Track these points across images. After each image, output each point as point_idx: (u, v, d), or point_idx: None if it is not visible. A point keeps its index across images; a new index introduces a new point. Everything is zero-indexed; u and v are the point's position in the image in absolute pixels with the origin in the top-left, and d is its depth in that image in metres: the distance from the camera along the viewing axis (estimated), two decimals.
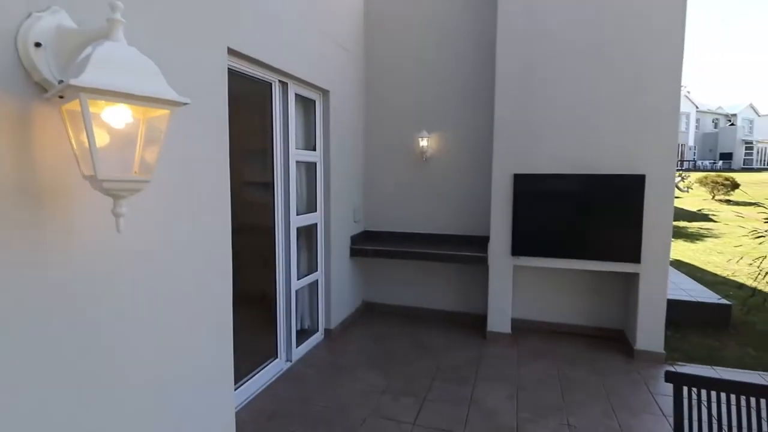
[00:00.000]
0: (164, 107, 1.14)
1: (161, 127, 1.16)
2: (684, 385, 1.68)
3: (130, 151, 1.13)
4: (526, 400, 3.25)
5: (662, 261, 3.87)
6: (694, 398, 1.68)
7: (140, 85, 1.08)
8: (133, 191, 1.17)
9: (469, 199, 4.79)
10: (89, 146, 1.05)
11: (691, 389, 1.67)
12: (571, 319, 4.53)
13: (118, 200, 1.16)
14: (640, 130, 3.85)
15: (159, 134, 1.16)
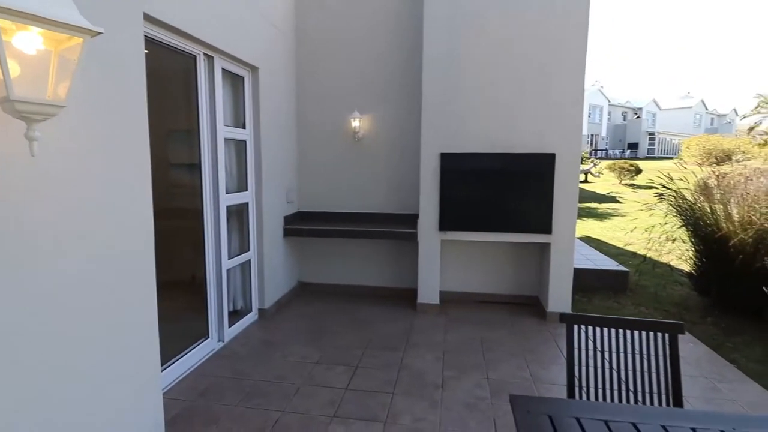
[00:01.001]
0: (77, 35, 1.12)
1: (74, 58, 1.15)
2: (574, 323, 1.95)
3: (43, 78, 1.11)
4: (451, 361, 3.51)
5: (569, 232, 4.32)
6: (584, 334, 1.96)
7: (51, 10, 1.07)
8: (47, 115, 1.15)
9: (401, 178, 4.97)
10: (1, 65, 1.03)
11: (580, 326, 1.95)
12: (494, 288, 4.90)
13: (31, 124, 1.15)
14: (551, 114, 4.22)
15: (72, 65, 1.15)
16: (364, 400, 2.94)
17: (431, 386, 3.12)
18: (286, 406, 2.85)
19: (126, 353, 2.08)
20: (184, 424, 2.65)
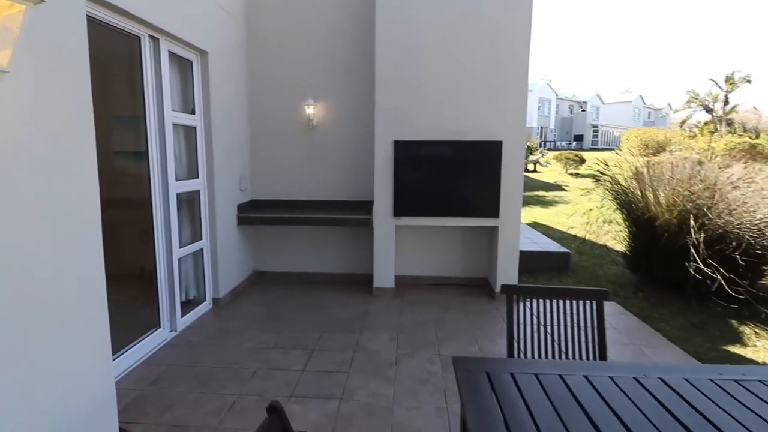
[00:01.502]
0: (19, 1, 1.10)
1: (15, 27, 1.12)
2: (513, 293, 2.12)
3: None
4: (405, 341, 3.65)
5: (515, 215, 4.56)
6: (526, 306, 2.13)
7: None
8: None
9: (356, 165, 5.04)
10: None
11: (518, 296, 2.12)
12: (446, 271, 5.10)
13: None
14: (497, 105, 4.42)
15: (13, 34, 1.12)
16: (321, 380, 3.01)
17: (386, 364, 3.24)
18: (243, 390, 2.87)
19: (74, 339, 2.03)
20: (136, 412, 2.62)
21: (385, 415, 2.61)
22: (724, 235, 4.36)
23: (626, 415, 1.34)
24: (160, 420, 2.54)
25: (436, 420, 2.57)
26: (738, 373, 1.61)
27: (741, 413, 1.36)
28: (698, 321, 4.23)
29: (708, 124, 29.14)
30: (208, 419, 2.56)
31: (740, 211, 4.37)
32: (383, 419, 2.57)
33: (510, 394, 1.46)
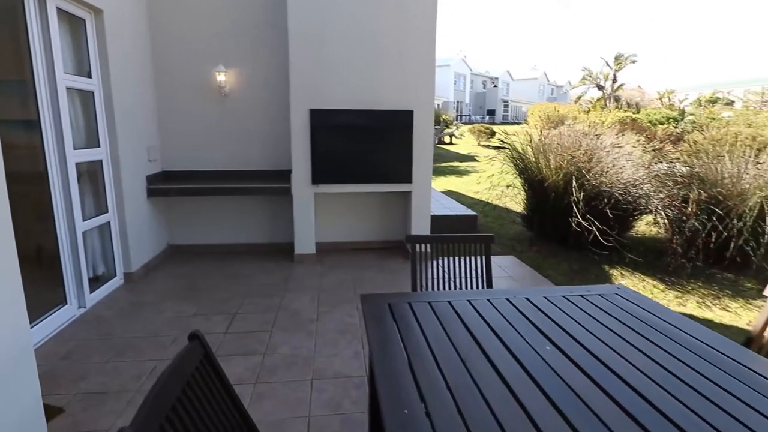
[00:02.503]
0: None
1: None
2: (416, 243, 2.40)
3: None
4: (326, 300, 3.87)
5: (426, 180, 4.91)
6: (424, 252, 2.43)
7: None
8: None
9: (272, 134, 5.03)
10: None
11: (420, 244, 2.41)
12: (366, 236, 5.37)
13: None
14: (407, 76, 4.65)
15: None
16: (244, 339, 3.13)
17: (307, 321, 3.44)
18: (163, 355, 2.91)
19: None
20: (49, 385, 2.55)
21: (307, 364, 2.82)
22: (599, 193, 5.09)
23: (497, 326, 1.67)
24: (74, 389, 2.52)
25: (354, 362, 2.84)
26: (585, 290, 2.04)
27: (583, 317, 1.76)
28: (578, 267, 4.96)
29: (600, 100, 32.42)
30: (128, 384, 2.58)
31: (611, 173, 5.12)
32: (305, 367, 2.79)
33: (407, 319, 1.73)
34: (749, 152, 4.99)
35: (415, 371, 1.34)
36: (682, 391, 1.26)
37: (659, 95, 41.23)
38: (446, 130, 21.03)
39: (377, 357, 1.43)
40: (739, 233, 4.36)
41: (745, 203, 4.46)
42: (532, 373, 1.34)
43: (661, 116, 22.77)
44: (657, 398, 1.22)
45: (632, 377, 1.32)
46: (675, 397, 1.23)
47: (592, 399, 1.21)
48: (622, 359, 1.43)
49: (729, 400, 1.21)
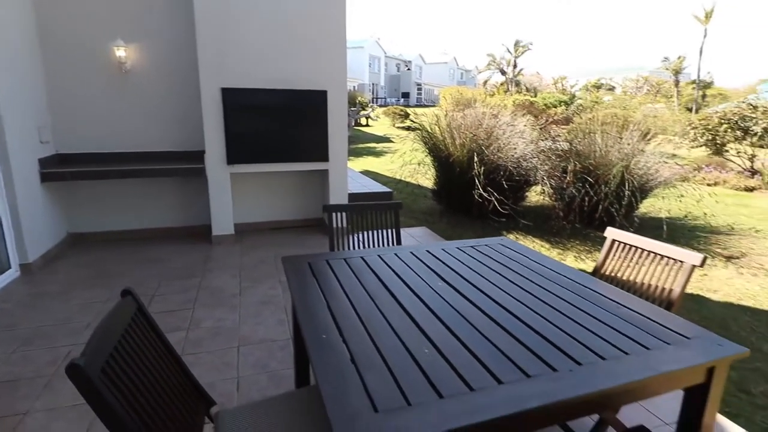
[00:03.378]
0: None
1: None
2: (333, 212, 2.62)
3: None
4: (247, 276, 3.95)
5: (343, 159, 5.12)
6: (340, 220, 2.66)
7: None
8: None
9: (181, 113, 4.87)
10: None
11: (336, 212, 2.64)
12: (285, 215, 5.46)
13: None
14: (321, 57, 4.77)
15: None
16: (165, 318, 3.15)
17: (230, 296, 3.52)
18: (77, 340, 2.83)
19: None
20: None
21: (232, 333, 2.94)
22: (497, 167, 5.70)
23: (401, 271, 1.97)
24: None
25: (278, 329, 3.02)
26: (475, 242, 2.42)
27: (471, 261, 2.12)
28: (482, 234, 5.54)
29: (503, 84, 34.78)
30: (43, 370, 2.51)
31: (506, 149, 5.74)
32: (230, 337, 2.90)
33: (325, 272, 1.95)
34: (615, 130, 5.90)
35: (332, 308, 1.59)
36: (545, 310, 1.64)
37: (554, 81, 45.29)
38: (362, 112, 21.27)
39: (299, 302, 1.65)
40: (605, 197, 5.21)
41: (610, 172, 5.32)
42: (428, 303, 1.66)
43: (555, 100, 25.16)
44: (526, 316, 1.59)
45: (507, 301, 1.69)
46: (540, 314, 1.61)
47: (476, 319, 1.55)
48: (500, 290, 1.80)
49: (578, 314, 1.62)
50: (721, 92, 33.59)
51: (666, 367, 1.25)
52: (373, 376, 1.18)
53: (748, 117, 9.37)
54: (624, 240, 2.11)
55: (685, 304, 3.83)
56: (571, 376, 1.19)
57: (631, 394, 1.32)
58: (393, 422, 1.01)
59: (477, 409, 1.06)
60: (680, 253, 1.86)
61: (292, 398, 1.58)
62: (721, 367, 1.34)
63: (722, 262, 4.85)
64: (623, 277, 2.06)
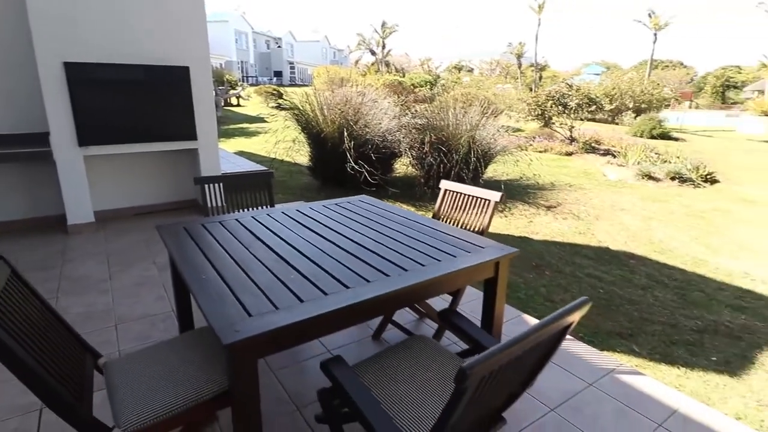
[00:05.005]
0: None
1: None
2: (205, 183, 2.76)
3: None
4: (117, 261, 3.81)
5: (212, 137, 5.07)
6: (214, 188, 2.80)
7: None
8: None
9: (14, 91, 4.31)
10: None
11: (208, 185, 2.78)
12: (155, 198, 5.23)
13: None
14: (182, 30, 4.61)
15: None
16: None
17: (98, 282, 3.40)
18: None
19: None
20: None
21: (106, 316, 2.90)
22: (365, 141, 6.17)
23: (273, 226, 2.25)
24: None
25: (158, 304, 3.06)
26: (339, 201, 2.80)
27: (334, 215, 2.48)
28: None
29: (374, 64, 35.86)
30: None
31: (373, 124, 6.25)
32: (105, 318, 2.87)
33: (201, 234, 2.14)
34: (461, 106, 6.80)
35: (209, 257, 1.81)
36: (386, 240, 2.08)
37: (421, 62, 48.04)
38: (232, 91, 20.23)
39: (177, 254, 1.84)
40: (456, 164, 6.06)
41: (459, 142, 6.17)
42: (295, 245, 1.98)
43: (421, 80, 26.89)
44: (371, 245, 2.00)
45: (359, 238, 2.09)
46: (382, 243, 2.03)
47: (334, 252, 1.92)
48: (355, 231, 2.20)
49: (411, 241, 2.08)
50: (555, 74, 39.37)
51: (464, 265, 1.77)
52: (247, 296, 1.48)
53: (566, 95, 11.43)
54: (452, 188, 2.68)
55: (515, 243, 4.78)
56: (399, 278, 1.64)
57: (443, 285, 1.83)
58: (263, 320, 1.33)
59: (329, 304, 1.43)
60: (487, 193, 2.46)
61: (177, 342, 1.78)
62: (504, 263, 1.92)
63: (544, 211, 6.07)
64: (453, 215, 2.63)
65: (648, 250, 4.94)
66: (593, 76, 30.13)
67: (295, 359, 2.44)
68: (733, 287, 4.12)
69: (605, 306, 3.57)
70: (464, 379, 0.93)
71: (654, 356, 2.96)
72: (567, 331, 1.25)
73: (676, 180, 8.39)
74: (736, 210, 6.98)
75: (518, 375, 1.27)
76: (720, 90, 48.48)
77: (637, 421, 2.05)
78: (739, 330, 3.34)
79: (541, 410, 2.09)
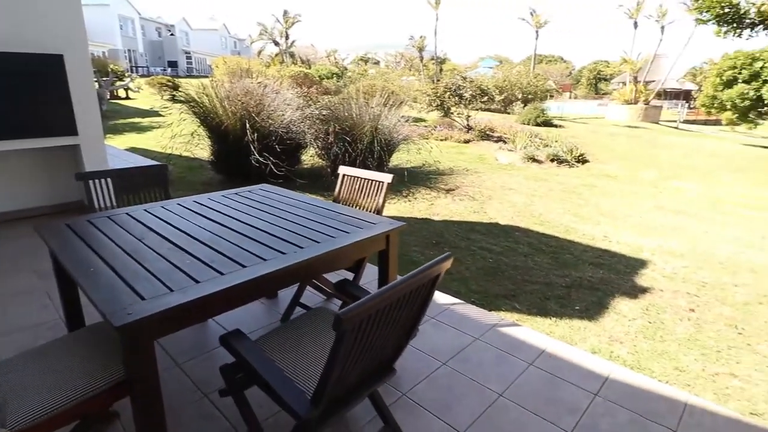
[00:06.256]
0: None
1: None
2: (88, 179, 2.60)
3: None
4: None
5: (97, 131, 4.68)
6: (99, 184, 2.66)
7: None
8: None
9: None
10: None
11: (93, 180, 2.63)
12: (32, 202, 4.69)
13: None
14: (51, 13, 4.16)
15: None
16: None
17: None
18: None
19: None
20: None
21: None
22: (269, 133, 6.11)
23: (168, 217, 2.22)
24: None
25: (43, 312, 2.83)
26: (239, 190, 2.82)
27: (233, 203, 2.51)
28: None
29: (278, 55, 34.82)
30: None
31: (276, 115, 6.20)
32: None
33: (87, 230, 2.05)
34: (363, 98, 7.01)
35: (97, 251, 1.77)
36: (284, 222, 2.18)
37: (327, 53, 47.66)
38: (119, 82, 18.39)
39: (60, 251, 1.77)
40: (361, 153, 6.27)
41: (363, 131, 6.38)
42: (191, 233, 2.00)
43: (328, 71, 26.77)
44: (267, 227, 2.09)
45: (256, 222, 2.17)
46: (280, 226, 2.13)
47: (231, 237, 1.97)
48: (253, 217, 2.27)
49: (307, 222, 2.20)
50: (455, 67, 41.54)
51: (356, 239, 1.94)
52: (140, 283, 1.50)
53: (461, 86, 12.26)
54: (349, 173, 2.84)
55: (418, 225, 5.14)
56: (294, 255, 1.76)
57: (338, 259, 1.99)
58: (158, 302, 1.37)
59: (225, 282, 1.51)
60: (380, 176, 2.67)
61: (66, 340, 1.71)
62: (394, 235, 2.14)
63: (444, 194, 6.54)
64: (351, 198, 2.80)
65: (530, 222, 5.60)
66: (488, 70, 32.41)
67: (203, 349, 2.45)
68: (595, 248, 4.88)
69: (493, 273, 4.03)
70: (340, 324, 1.10)
71: (532, 311, 3.44)
72: (437, 282, 1.48)
73: (555, 161, 9.51)
74: (600, 184, 8.14)
75: (399, 324, 1.47)
76: (593, 82, 54.98)
77: (514, 363, 2.41)
78: (598, 283, 3.99)
79: (435, 365, 2.36)
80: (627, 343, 3.08)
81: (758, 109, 17.63)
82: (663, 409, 2.09)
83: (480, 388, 2.20)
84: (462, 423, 1.97)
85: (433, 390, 2.18)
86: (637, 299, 3.75)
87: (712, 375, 2.80)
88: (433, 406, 2.06)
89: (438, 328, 2.72)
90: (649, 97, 28.02)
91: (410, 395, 2.14)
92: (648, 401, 2.14)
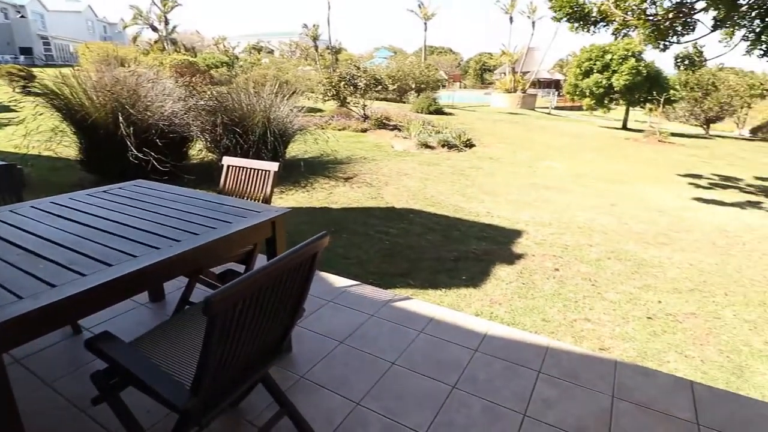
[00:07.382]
0: None
1: None
2: None
3: None
4: None
5: None
6: None
7: None
8: None
9: None
10: None
11: None
12: None
13: None
14: None
15: None
16: None
17: None
18: None
19: None
20: None
21: None
22: (148, 126, 5.62)
23: (22, 224, 1.97)
24: None
25: None
26: (108, 188, 2.59)
27: (100, 202, 2.30)
28: None
29: (157, 42, 31.78)
30: None
31: (154, 107, 5.71)
32: None
33: None
34: (253, 87, 6.77)
35: None
36: (158, 217, 2.06)
37: (215, 41, 44.62)
38: None
39: None
40: (254, 144, 6.07)
41: (254, 122, 6.18)
42: (48, 237, 1.80)
43: (216, 60, 25.16)
44: (139, 223, 1.96)
45: (127, 219, 2.02)
46: (153, 221, 2.01)
47: (96, 236, 1.82)
48: (123, 214, 2.11)
49: (185, 215, 2.11)
50: (350, 57, 41.66)
51: (238, 228, 1.92)
52: None
53: (356, 76, 12.40)
54: (234, 164, 2.77)
55: (317, 213, 5.17)
56: (169, 249, 1.69)
57: (220, 249, 1.94)
58: (2, 311, 1.24)
59: (86, 284, 1.41)
60: (266, 164, 2.65)
61: None
62: (279, 222, 2.15)
63: (342, 183, 6.63)
64: (237, 189, 2.74)
65: (424, 204, 5.95)
66: (383, 60, 33.13)
67: (77, 363, 2.24)
68: (479, 224, 5.36)
69: (389, 254, 4.23)
70: (210, 308, 1.10)
71: (425, 285, 3.69)
72: (315, 260, 1.54)
73: (445, 147, 10.14)
74: (484, 166, 8.90)
75: (282, 304, 1.50)
76: (479, 72, 59.17)
77: (405, 333, 2.59)
78: (482, 254, 4.41)
79: (332, 345, 2.44)
80: (504, 303, 3.47)
81: (610, 96, 20.55)
82: (530, 355, 2.41)
83: (374, 359, 2.33)
84: (358, 394, 2.08)
85: (331, 368, 2.26)
86: (513, 265, 4.22)
87: (571, 321, 3.28)
88: (331, 383, 2.14)
89: (336, 310, 2.81)
90: (526, 86, 31.04)
91: (308, 376, 2.19)
92: (518, 350, 2.45)
